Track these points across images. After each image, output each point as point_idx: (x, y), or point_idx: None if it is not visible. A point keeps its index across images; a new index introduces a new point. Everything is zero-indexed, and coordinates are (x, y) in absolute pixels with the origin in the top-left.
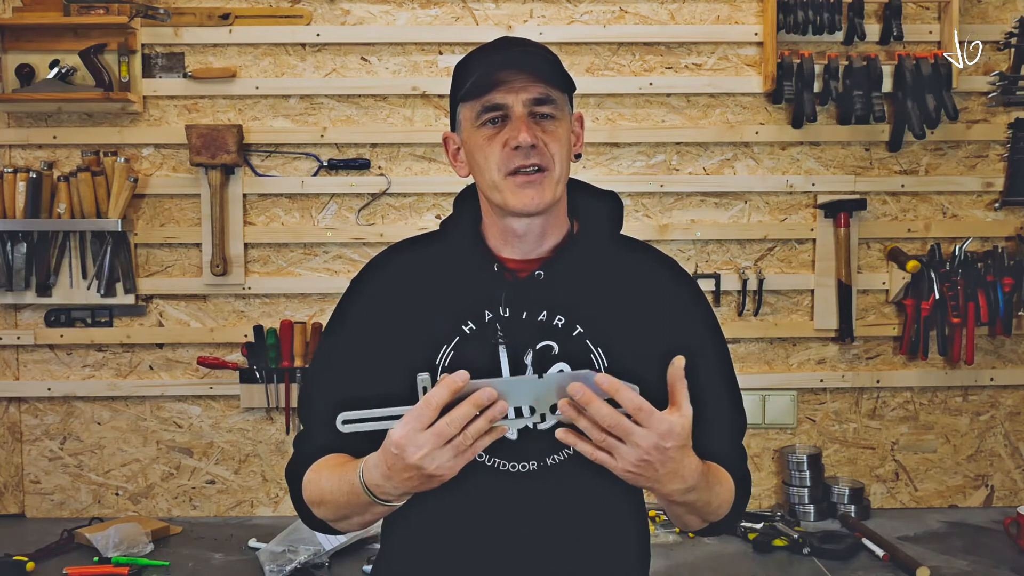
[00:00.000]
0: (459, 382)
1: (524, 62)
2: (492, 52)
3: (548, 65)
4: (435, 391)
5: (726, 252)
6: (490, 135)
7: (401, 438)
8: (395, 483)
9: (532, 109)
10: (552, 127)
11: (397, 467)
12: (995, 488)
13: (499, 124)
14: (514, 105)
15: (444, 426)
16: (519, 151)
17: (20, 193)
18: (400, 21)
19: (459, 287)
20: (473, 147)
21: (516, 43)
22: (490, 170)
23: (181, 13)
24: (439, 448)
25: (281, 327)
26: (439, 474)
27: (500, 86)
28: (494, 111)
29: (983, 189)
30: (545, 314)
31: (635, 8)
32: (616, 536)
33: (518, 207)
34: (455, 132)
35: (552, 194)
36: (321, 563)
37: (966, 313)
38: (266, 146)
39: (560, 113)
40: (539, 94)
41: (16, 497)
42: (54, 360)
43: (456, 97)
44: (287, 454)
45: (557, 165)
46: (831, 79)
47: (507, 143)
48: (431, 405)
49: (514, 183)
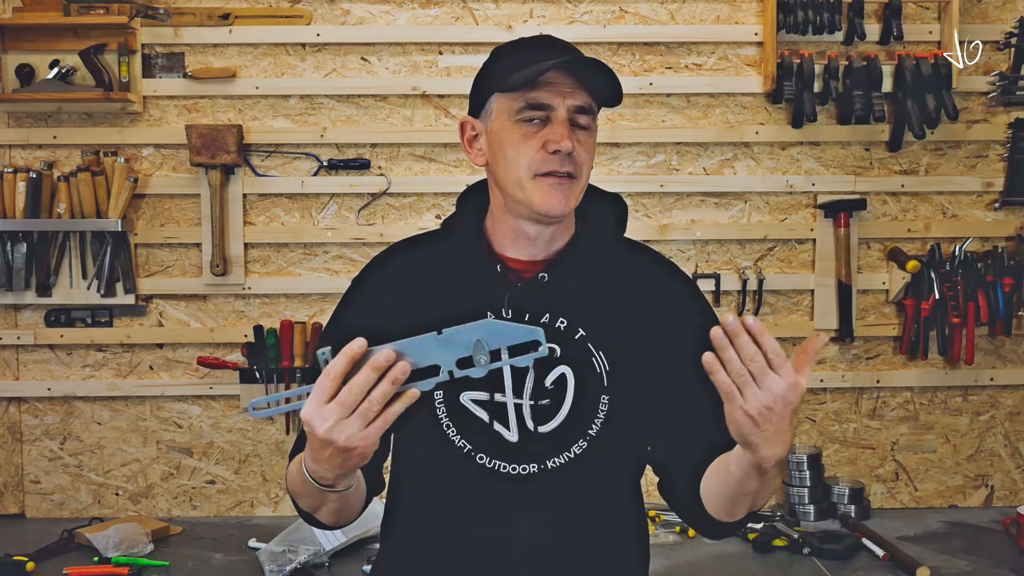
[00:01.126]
0: (356, 349)
1: (584, 65)
2: (541, 49)
3: (605, 78)
4: (333, 362)
5: (726, 252)
6: (528, 132)
7: (307, 414)
8: (322, 464)
9: (573, 116)
10: (586, 137)
11: (315, 446)
12: (995, 488)
13: (538, 124)
14: (559, 108)
15: (345, 395)
16: (557, 156)
17: (20, 193)
18: (400, 21)
19: (461, 288)
20: (504, 140)
21: (564, 46)
22: (519, 167)
23: (181, 13)
24: (345, 418)
25: (281, 327)
26: (352, 445)
27: (549, 86)
28: (538, 110)
29: (983, 189)
30: (548, 317)
31: (635, 8)
32: (616, 537)
33: (543, 209)
34: (478, 119)
35: (575, 202)
36: (321, 563)
37: (966, 313)
38: (266, 146)
39: (593, 126)
40: (584, 103)
41: (16, 497)
42: (54, 360)
43: (491, 84)
44: (287, 454)
45: (584, 175)
46: (831, 79)
47: (546, 145)
48: (330, 376)
49: (545, 183)
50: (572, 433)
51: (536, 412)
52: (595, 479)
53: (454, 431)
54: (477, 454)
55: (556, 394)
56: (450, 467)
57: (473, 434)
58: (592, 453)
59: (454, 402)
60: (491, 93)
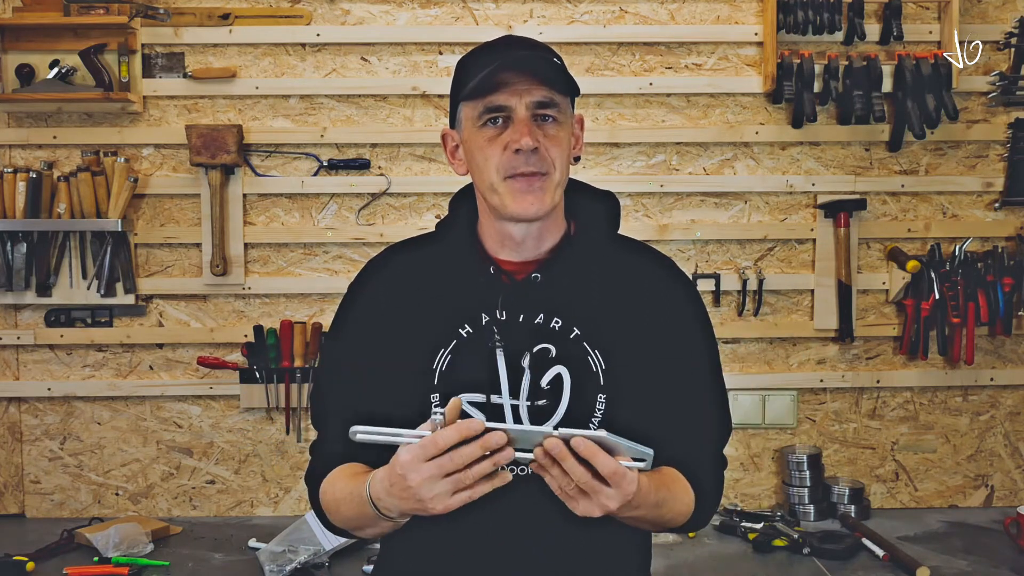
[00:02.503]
0: (473, 429)
1: (529, 64)
2: (496, 51)
3: (553, 68)
4: (446, 432)
5: (726, 252)
6: (491, 136)
7: (406, 462)
8: (394, 500)
9: (535, 112)
10: (554, 131)
11: (398, 486)
12: (995, 488)
13: (500, 125)
14: (517, 107)
15: (447, 461)
16: (520, 155)
17: (20, 193)
18: (400, 21)
19: (456, 290)
20: (473, 147)
21: (521, 43)
22: (489, 172)
23: (181, 13)
24: (439, 479)
25: (281, 327)
26: (432, 505)
27: (503, 87)
28: (496, 112)
29: (983, 189)
30: (542, 316)
31: (635, 8)
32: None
33: (516, 212)
34: (455, 129)
35: (551, 199)
36: (321, 563)
37: (966, 313)
38: (266, 146)
39: (563, 116)
40: (543, 97)
41: (16, 497)
42: (54, 360)
43: (458, 95)
44: (287, 454)
45: (557, 170)
46: (831, 79)
47: (508, 146)
48: (438, 445)
49: (514, 186)
50: None
51: (533, 413)
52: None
53: None
54: None
55: (552, 394)
56: None
57: None
58: None
59: None
60: (458, 103)
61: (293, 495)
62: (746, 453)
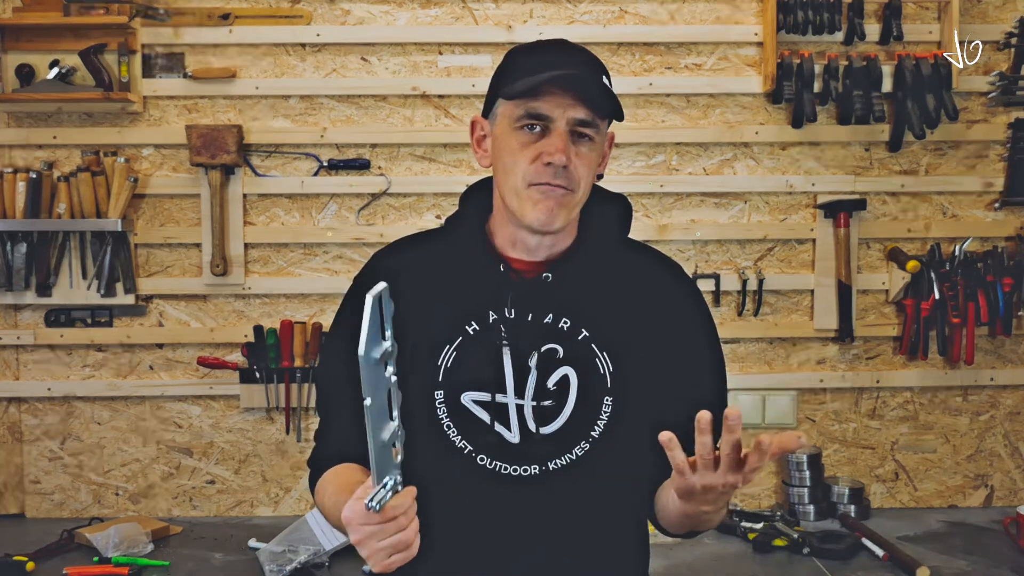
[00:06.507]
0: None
1: (582, 84)
2: (549, 56)
3: (603, 93)
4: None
5: (726, 252)
6: (525, 142)
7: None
8: None
9: (573, 128)
10: (587, 150)
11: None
12: (995, 488)
13: (538, 133)
14: (558, 120)
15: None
16: (550, 168)
17: (20, 193)
18: (400, 21)
19: (464, 287)
20: (504, 147)
21: (576, 53)
22: (516, 176)
23: (181, 13)
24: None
25: (281, 327)
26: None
27: (549, 96)
28: (536, 119)
29: (983, 189)
30: (551, 316)
31: (635, 8)
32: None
33: (533, 222)
34: (487, 119)
35: (567, 215)
36: (321, 563)
37: (966, 313)
38: (266, 146)
39: (599, 137)
40: (585, 116)
41: (16, 497)
42: (54, 360)
43: (498, 87)
44: (287, 454)
45: (581, 189)
46: (831, 79)
47: (540, 156)
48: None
49: (537, 192)
50: (574, 435)
51: (538, 413)
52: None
53: (455, 432)
54: (478, 455)
55: (559, 395)
56: (450, 468)
57: (474, 435)
58: (594, 455)
59: (455, 403)
60: (496, 96)
61: (293, 495)
62: None
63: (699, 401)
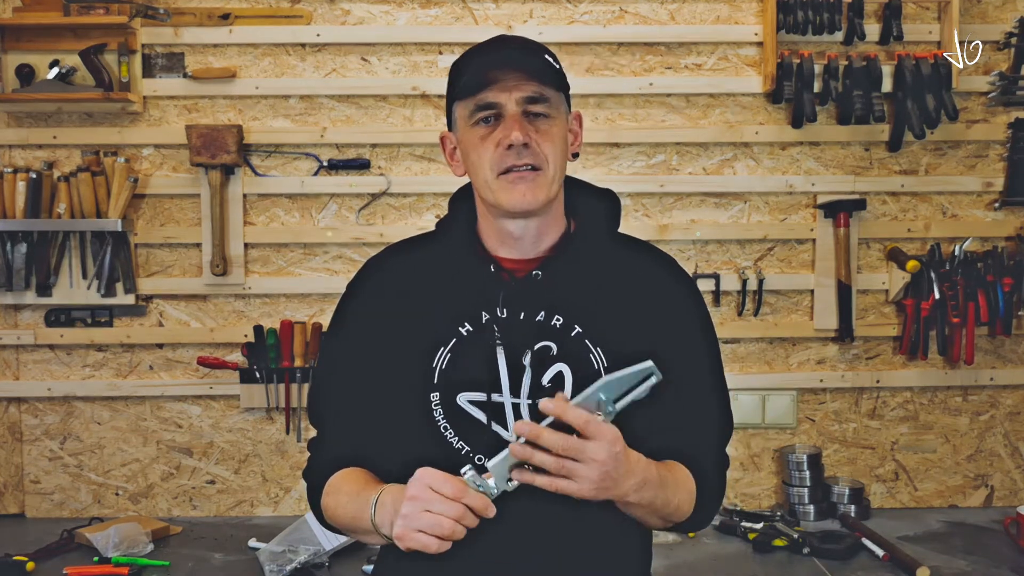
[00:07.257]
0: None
1: (517, 60)
2: (486, 51)
3: (541, 63)
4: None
5: (726, 252)
6: (483, 134)
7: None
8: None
9: (526, 108)
10: (546, 126)
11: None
12: (995, 488)
13: (492, 123)
14: (507, 104)
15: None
16: (512, 150)
17: (20, 193)
18: (400, 21)
19: (456, 288)
20: (467, 146)
21: (510, 41)
22: (483, 169)
23: (181, 13)
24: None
25: (281, 327)
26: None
27: (493, 84)
28: (487, 110)
29: (983, 189)
30: (543, 314)
31: (635, 8)
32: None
33: (510, 206)
34: (452, 132)
35: (545, 193)
36: (321, 563)
37: (966, 313)
38: (266, 146)
39: (555, 112)
40: (533, 92)
41: (16, 497)
42: (54, 360)
43: (451, 96)
44: (287, 454)
45: (551, 165)
46: (831, 79)
47: (500, 142)
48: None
49: (506, 181)
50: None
51: (534, 411)
52: None
53: (451, 432)
54: (475, 455)
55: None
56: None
57: (471, 435)
58: None
59: (451, 403)
60: (452, 103)
61: (293, 495)
62: (746, 453)
63: (694, 392)
